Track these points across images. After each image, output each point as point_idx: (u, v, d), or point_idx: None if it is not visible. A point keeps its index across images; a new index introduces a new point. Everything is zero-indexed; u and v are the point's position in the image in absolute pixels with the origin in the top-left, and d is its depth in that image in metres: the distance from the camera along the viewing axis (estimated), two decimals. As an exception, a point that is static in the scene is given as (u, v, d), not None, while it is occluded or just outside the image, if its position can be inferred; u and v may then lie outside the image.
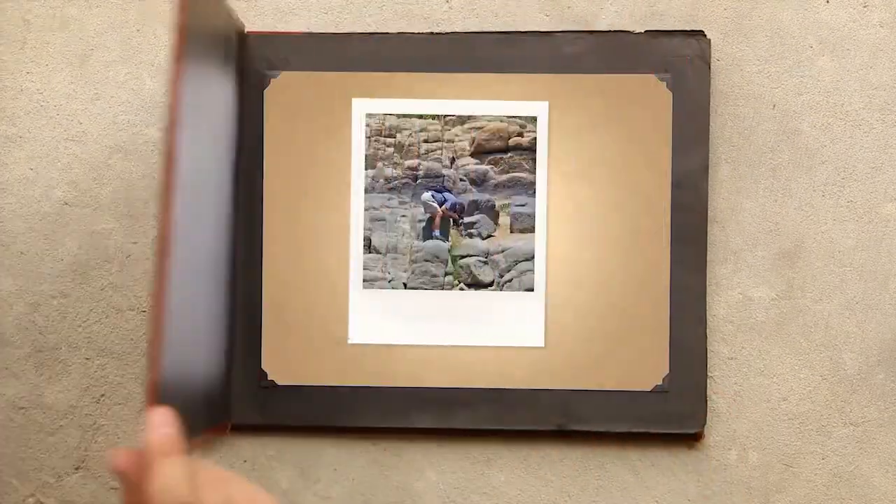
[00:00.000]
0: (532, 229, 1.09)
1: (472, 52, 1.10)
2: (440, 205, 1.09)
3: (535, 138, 1.09)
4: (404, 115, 1.09)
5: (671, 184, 1.09)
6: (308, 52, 1.10)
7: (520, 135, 1.09)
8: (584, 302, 1.09)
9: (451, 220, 1.09)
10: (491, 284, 1.09)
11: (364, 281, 1.09)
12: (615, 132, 1.09)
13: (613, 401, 1.08)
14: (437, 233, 1.09)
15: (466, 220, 1.09)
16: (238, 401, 1.09)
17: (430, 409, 1.09)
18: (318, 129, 1.10)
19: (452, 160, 1.09)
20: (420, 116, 1.09)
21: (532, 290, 1.09)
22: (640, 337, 1.08)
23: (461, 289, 1.09)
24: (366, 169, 1.09)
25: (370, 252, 1.09)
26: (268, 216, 1.09)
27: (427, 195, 1.10)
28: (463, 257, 1.09)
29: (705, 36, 1.09)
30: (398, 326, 1.09)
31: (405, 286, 1.09)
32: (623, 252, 1.09)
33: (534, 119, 1.09)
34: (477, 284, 1.09)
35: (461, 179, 1.09)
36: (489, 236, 1.09)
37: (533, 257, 1.09)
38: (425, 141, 1.09)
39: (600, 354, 1.08)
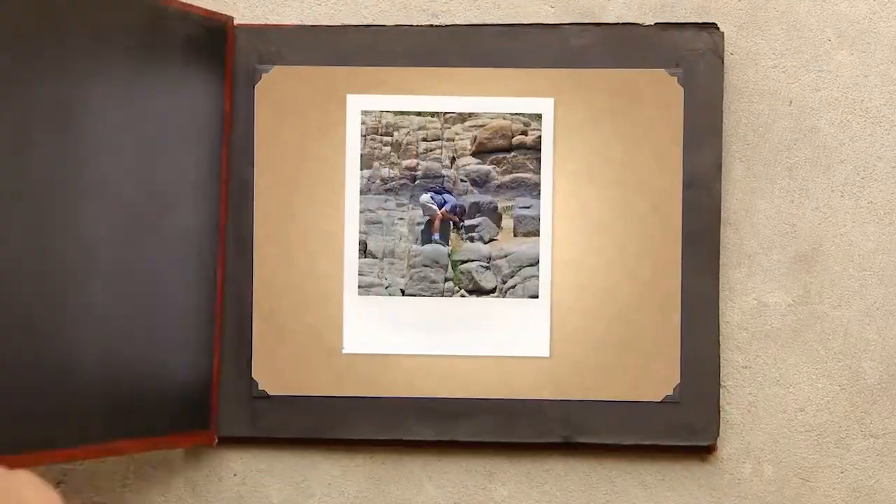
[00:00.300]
0: (537, 233, 1.07)
1: (474, 46, 1.08)
2: (440, 207, 1.08)
3: (539, 137, 1.07)
4: (402, 112, 1.08)
5: (682, 184, 1.07)
6: (301, 46, 1.08)
7: (524, 133, 1.08)
8: (591, 309, 1.07)
9: (452, 222, 1.08)
10: (493, 291, 1.07)
11: (359, 287, 1.07)
12: (624, 130, 1.07)
13: (622, 412, 1.07)
14: (436, 236, 1.08)
15: (467, 222, 1.08)
16: (228, 412, 1.07)
17: (430, 421, 1.07)
18: (312, 126, 1.08)
19: (453, 160, 1.08)
20: (418, 113, 1.08)
21: (536, 296, 1.07)
22: (650, 345, 1.07)
23: (462, 295, 1.07)
24: (361, 169, 1.08)
25: (366, 257, 1.07)
26: (258, 218, 1.08)
27: (426, 197, 1.08)
28: (464, 262, 1.08)
29: (718, 29, 1.08)
30: (395, 335, 1.07)
31: (403, 293, 1.07)
32: (632, 256, 1.07)
33: (538, 116, 1.07)
34: (478, 291, 1.07)
35: (462, 180, 1.08)
36: (491, 240, 1.08)
37: (537, 262, 1.07)
38: (424, 139, 1.08)
39: (608, 364, 1.07)
